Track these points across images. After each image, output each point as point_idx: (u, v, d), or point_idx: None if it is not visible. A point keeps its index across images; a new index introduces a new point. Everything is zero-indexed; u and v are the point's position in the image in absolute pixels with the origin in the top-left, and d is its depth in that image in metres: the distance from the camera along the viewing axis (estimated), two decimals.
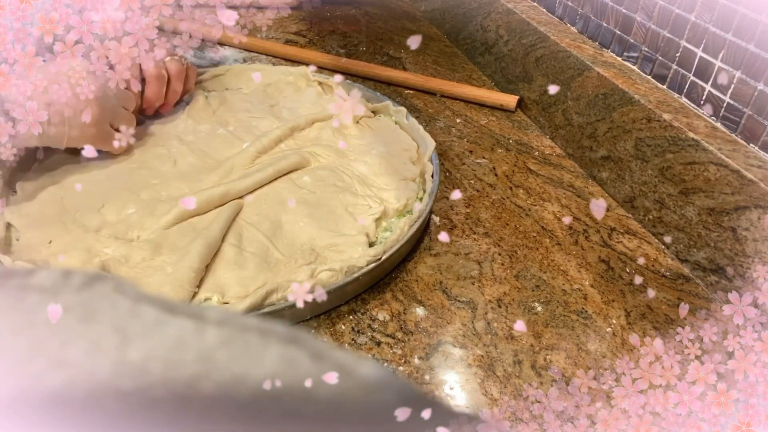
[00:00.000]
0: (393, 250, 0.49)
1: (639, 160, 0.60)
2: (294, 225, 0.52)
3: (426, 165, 0.59)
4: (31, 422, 0.17)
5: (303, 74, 0.74)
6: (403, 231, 0.51)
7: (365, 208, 0.54)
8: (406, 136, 0.65)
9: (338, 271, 0.46)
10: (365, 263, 0.47)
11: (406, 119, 0.66)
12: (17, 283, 0.18)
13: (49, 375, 0.17)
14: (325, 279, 0.46)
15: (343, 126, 0.65)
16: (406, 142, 0.64)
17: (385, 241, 0.50)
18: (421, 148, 0.63)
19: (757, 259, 0.48)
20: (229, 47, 0.87)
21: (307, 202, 0.54)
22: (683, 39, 0.58)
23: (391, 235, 0.50)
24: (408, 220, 0.52)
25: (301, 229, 0.51)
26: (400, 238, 0.50)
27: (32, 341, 0.17)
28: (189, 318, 0.18)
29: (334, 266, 0.47)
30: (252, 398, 0.17)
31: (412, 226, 0.51)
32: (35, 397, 0.17)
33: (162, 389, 0.17)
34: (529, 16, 0.78)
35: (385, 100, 0.69)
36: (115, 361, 0.17)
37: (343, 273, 0.47)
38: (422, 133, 0.63)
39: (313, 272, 0.47)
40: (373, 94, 0.71)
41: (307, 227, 0.51)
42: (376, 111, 0.69)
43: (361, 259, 0.47)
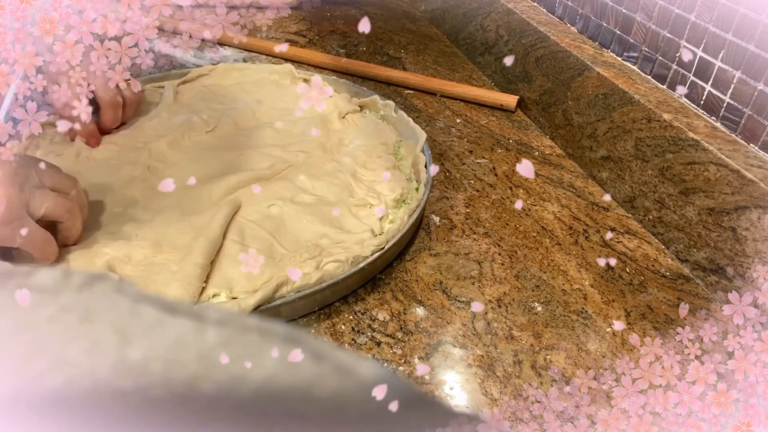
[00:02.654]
0: (395, 239, 0.50)
1: (639, 160, 0.60)
2: (297, 222, 0.52)
3: (418, 156, 0.59)
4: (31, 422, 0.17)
5: (288, 72, 0.74)
6: (404, 220, 0.52)
7: (366, 209, 0.54)
8: (388, 131, 0.66)
9: (344, 261, 0.47)
10: (370, 252, 0.48)
11: (395, 113, 0.66)
12: (17, 283, 0.18)
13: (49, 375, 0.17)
14: (332, 270, 0.46)
15: (327, 121, 0.66)
16: (385, 136, 0.64)
17: (387, 230, 0.51)
18: (411, 140, 0.63)
19: (757, 259, 0.48)
20: (229, 47, 0.87)
21: (306, 200, 0.54)
22: (683, 39, 0.58)
23: (393, 225, 0.51)
24: (407, 210, 0.52)
25: (305, 227, 0.52)
26: (401, 228, 0.51)
27: (32, 341, 0.17)
28: (189, 318, 0.18)
29: (339, 257, 0.47)
30: (252, 398, 0.17)
31: (411, 215, 0.52)
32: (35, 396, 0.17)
33: (162, 389, 0.17)
34: (529, 16, 0.78)
35: (372, 94, 0.69)
36: (115, 361, 0.17)
37: (349, 263, 0.47)
38: (412, 125, 0.63)
39: (319, 264, 0.47)
40: (360, 89, 0.71)
41: (310, 225, 0.52)
42: (363, 106, 0.69)
43: (366, 249, 0.48)
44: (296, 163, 0.59)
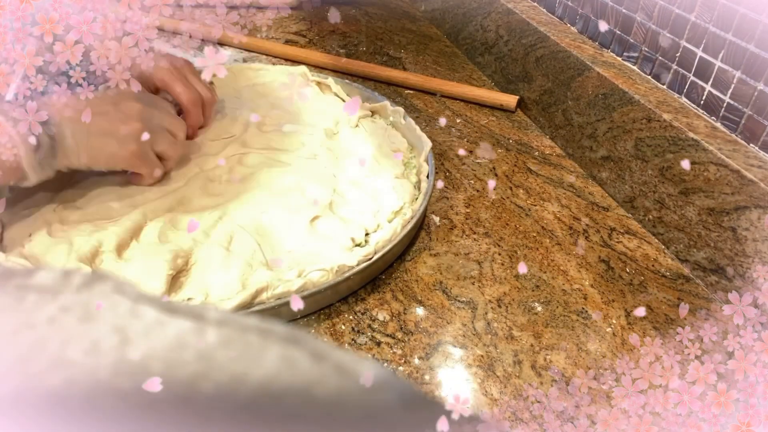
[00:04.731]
0: (385, 250, 0.49)
1: (639, 160, 0.60)
2: (284, 229, 0.51)
3: (422, 165, 0.59)
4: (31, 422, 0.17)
5: (301, 74, 0.74)
6: (396, 231, 0.51)
7: (358, 214, 0.54)
8: (399, 138, 0.65)
9: (329, 270, 0.46)
10: (356, 263, 0.48)
11: (404, 119, 0.66)
12: (17, 283, 0.18)
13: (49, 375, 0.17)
14: (316, 279, 0.46)
15: (338, 127, 0.66)
16: (396, 143, 0.64)
17: (378, 241, 0.50)
18: (417, 148, 0.63)
19: (757, 259, 0.48)
20: (229, 47, 0.87)
21: (302, 207, 0.54)
22: (683, 39, 0.58)
23: (384, 235, 0.50)
24: (401, 221, 0.52)
25: (289, 234, 0.51)
26: (393, 239, 0.50)
27: (32, 341, 0.17)
28: (189, 318, 0.18)
29: (324, 266, 0.47)
30: (252, 398, 0.17)
31: (405, 227, 0.51)
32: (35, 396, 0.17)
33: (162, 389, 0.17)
34: (529, 16, 0.78)
35: (383, 100, 0.69)
36: (115, 361, 0.17)
37: (334, 272, 0.47)
38: (419, 133, 0.63)
39: (301, 273, 0.47)
40: (371, 94, 0.71)
41: (299, 233, 0.51)
42: (374, 111, 0.69)
43: (351, 259, 0.48)
44: (301, 167, 0.59)
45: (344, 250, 0.49)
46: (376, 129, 0.66)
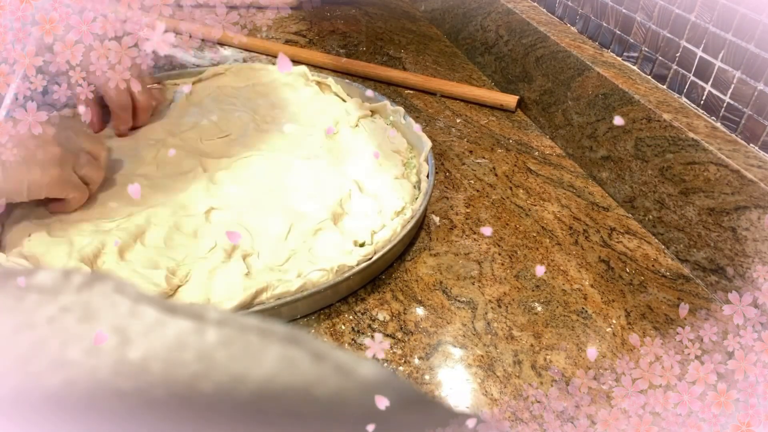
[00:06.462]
0: (385, 250, 0.49)
1: (639, 160, 0.60)
2: (284, 230, 0.51)
3: (422, 165, 0.59)
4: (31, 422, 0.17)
5: (301, 74, 0.74)
6: (396, 232, 0.51)
7: (362, 216, 0.54)
8: (399, 138, 0.65)
9: (329, 270, 0.46)
10: (356, 263, 0.47)
11: (404, 119, 0.66)
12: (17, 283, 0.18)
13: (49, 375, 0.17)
14: (315, 279, 0.46)
15: (338, 127, 0.66)
16: (396, 143, 0.64)
17: (377, 241, 0.50)
18: (417, 148, 0.63)
19: (757, 259, 0.48)
20: (229, 47, 0.87)
21: (303, 208, 0.54)
22: (683, 39, 0.58)
23: (384, 235, 0.50)
24: (401, 221, 0.52)
25: (290, 237, 0.51)
26: (393, 239, 0.50)
27: (32, 341, 0.17)
28: (189, 318, 0.18)
29: (324, 266, 0.47)
30: (252, 398, 0.17)
31: (405, 227, 0.51)
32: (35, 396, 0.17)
33: (162, 389, 0.17)
34: (529, 16, 0.78)
35: (383, 99, 0.69)
36: (115, 361, 0.17)
37: (334, 272, 0.47)
38: (419, 133, 0.63)
39: (301, 273, 0.47)
40: (372, 94, 0.71)
41: (300, 233, 0.51)
42: (374, 111, 0.69)
43: (351, 259, 0.48)
44: (301, 167, 0.59)
45: (344, 250, 0.49)
46: (376, 129, 0.66)
